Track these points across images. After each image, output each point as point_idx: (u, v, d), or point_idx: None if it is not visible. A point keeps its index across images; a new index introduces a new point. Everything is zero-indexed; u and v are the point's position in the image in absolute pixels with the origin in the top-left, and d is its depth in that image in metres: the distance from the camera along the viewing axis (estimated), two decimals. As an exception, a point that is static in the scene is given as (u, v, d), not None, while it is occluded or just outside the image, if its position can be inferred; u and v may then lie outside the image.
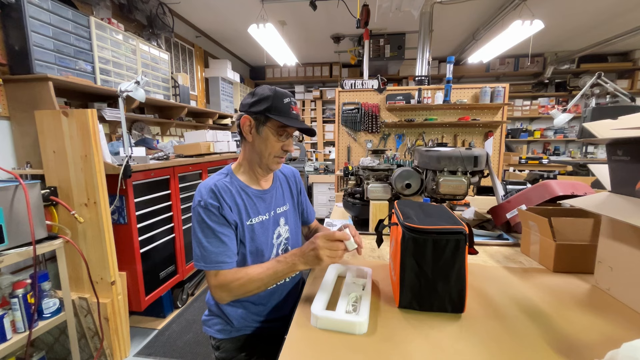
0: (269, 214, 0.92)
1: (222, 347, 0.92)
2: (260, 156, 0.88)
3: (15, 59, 1.66)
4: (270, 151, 0.86)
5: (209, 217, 0.80)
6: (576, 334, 0.61)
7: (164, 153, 2.25)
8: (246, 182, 0.90)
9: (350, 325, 0.62)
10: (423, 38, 3.00)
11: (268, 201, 0.93)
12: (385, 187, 1.28)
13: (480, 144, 2.96)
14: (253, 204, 0.89)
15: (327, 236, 0.74)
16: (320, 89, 5.43)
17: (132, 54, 2.38)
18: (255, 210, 0.89)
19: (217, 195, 0.81)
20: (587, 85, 2.55)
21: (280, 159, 0.89)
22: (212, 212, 0.80)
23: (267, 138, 0.85)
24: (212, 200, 0.81)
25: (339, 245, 0.74)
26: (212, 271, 0.79)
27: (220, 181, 0.85)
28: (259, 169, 0.91)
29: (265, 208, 0.92)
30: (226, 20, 3.51)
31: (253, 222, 0.88)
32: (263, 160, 0.88)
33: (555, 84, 5.02)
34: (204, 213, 0.80)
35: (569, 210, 1.03)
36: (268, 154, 0.87)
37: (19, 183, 1.29)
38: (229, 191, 0.84)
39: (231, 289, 0.78)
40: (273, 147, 0.86)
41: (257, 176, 0.92)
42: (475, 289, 0.79)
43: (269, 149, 0.86)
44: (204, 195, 0.81)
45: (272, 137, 0.85)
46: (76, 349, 1.49)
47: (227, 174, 0.89)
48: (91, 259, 1.61)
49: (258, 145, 0.87)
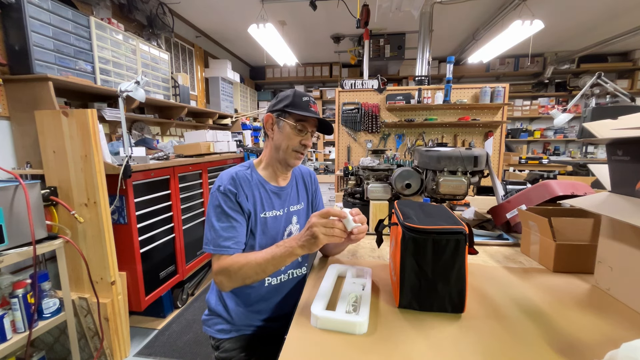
0: (283, 210, 0.96)
1: (222, 347, 0.93)
2: (279, 150, 0.91)
3: (15, 59, 1.66)
4: (289, 143, 0.89)
5: (225, 202, 0.84)
6: (576, 334, 0.61)
7: (164, 153, 2.25)
8: (265, 177, 0.94)
9: (350, 325, 0.62)
10: (423, 38, 3.00)
11: (283, 198, 0.96)
12: (385, 187, 1.28)
13: (480, 144, 2.96)
14: (269, 198, 0.92)
15: (322, 212, 0.71)
16: (320, 89, 5.42)
17: (132, 54, 2.38)
18: (270, 205, 0.92)
19: (236, 183, 0.86)
20: (587, 85, 2.55)
21: (299, 154, 0.92)
22: (229, 198, 0.84)
23: (286, 132, 0.89)
24: (231, 186, 0.85)
25: (335, 222, 0.70)
26: (216, 255, 0.81)
27: (241, 171, 0.90)
28: (278, 164, 0.94)
29: (280, 204, 0.95)
30: (226, 20, 3.51)
31: (267, 215, 0.91)
32: (282, 154, 0.91)
33: (555, 84, 5.02)
34: (222, 198, 0.84)
35: (569, 210, 1.03)
36: (287, 146, 0.90)
37: (19, 183, 1.29)
38: (248, 181, 0.89)
39: (230, 273, 0.78)
40: (292, 140, 0.89)
41: (276, 173, 0.96)
42: (475, 289, 0.79)
43: (287, 141, 0.89)
44: (224, 182, 0.86)
45: (291, 131, 0.89)
46: (76, 349, 1.49)
47: (248, 167, 0.94)
48: (91, 259, 1.62)
49: (278, 139, 0.91)
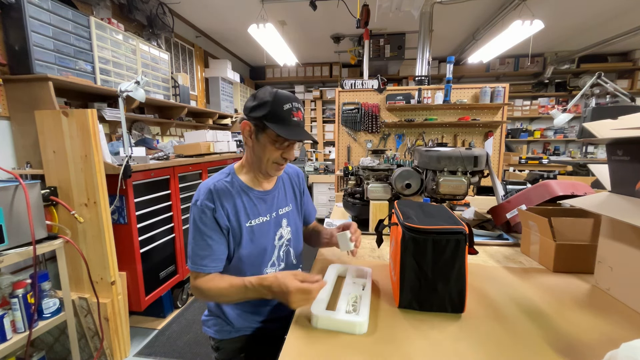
0: (270, 215, 0.91)
1: (222, 347, 0.92)
2: (259, 162, 0.85)
3: (15, 59, 1.66)
4: (268, 157, 0.84)
5: (201, 218, 0.80)
6: (576, 334, 0.61)
7: (164, 153, 2.25)
8: (248, 182, 0.88)
9: (350, 325, 0.63)
10: (423, 38, 2.99)
11: (269, 202, 0.92)
12: (385, 187, 1.28)
13: (480, 144, 2.96)
14: (253, 205, 0.88)
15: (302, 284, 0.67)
16: (320, 89, 5.42)
17: (132, 54, 2.38)
18: (255, 212, 0.88)
19: (213, 197, 0.81)
20: (587, 85, 2.55)
21: (280, 165, 0.86)
22: (205, 214, 0.80)
23: (265, 146, 0.82)
24: (207, 201, 0.80)
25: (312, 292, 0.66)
26: (193, 272, 0.81)
27: (220, 182, 0.84)
28: (259, 173, 0.90)
29: (266, 209, 0.90)
30: (226, 20, 3.51)
31: (253, 223, 0.86)
32: (262, 166, 0.86)
33: (555, 84, 5.02)
34: (198, 215, 0.80)
35: (569, 210, 1.03)
36: (267, 159, 0.84)
37: (19, 183, 1.29)
38: (228, 192, 0.83)
39: (204, 295, 0.80)
40: (272, 154, 0.83)
41: (258, 179, 0.91)
42: (475, 289, 0.79)
43: (267, 155, 0.83)
44: (201, 196, 0.81)
45: (270, 146, 0.82)
46: (76, 349, 1.49)
47: (228, 174, 0.88)
48: (91, 259, 1.61)
49: (257, 151, 0.84)
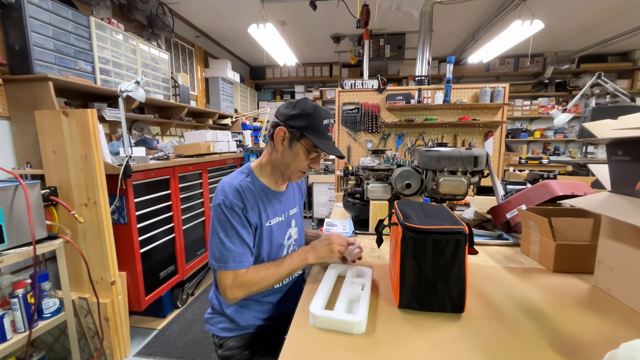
0: (284, 215, 0.95)
1: (226, 345, 0.92)
2: (286, 168, 0.89)
3: (15, 59, 1.66)
4: (297, 165, 0.87)
5: (233, 217, 0.81)
6: (576, 334, 0.61)
7: (164, 153, 2.25)
8: (267, 183, 0.92)
9: (348, 325, 0.62)
10: (423, 38, 2.99)
11: (283, 203, 0.96)
12: (385, 187, 1.28)
13: (480, 144, 2.96)
14: (271, 205, 0.91)
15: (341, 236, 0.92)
16: (320, 89, 5.42)
17: (132, 54, 2.38)
18: (273, 212, 0.91)
19: (242, 196, 0.83)
20: (587, 85, 2.55)
21: (303, 173, 0.91)
22: (236, 213, 0.81)
23: (297, 154, 0.86)
24: (237, 200, 0.81)
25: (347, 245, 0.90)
26: (230, 271, 0.79)
27: (243, 181, 0.86)
28: (280, 177, 0.93)
29: (281, 209, 0.94)
30: (226, 20, 3.51)
31: (272, 223, 0.90)
32: (287, 172, 0.89)
33: (555, 84, 5.02)
34: (229, 213, 0.81)
35: (569, 210, 1.03)
36: (294, 167, 0.88)
37: (19, 183, 1.29)
38: (252, 192, 0.86)
39: (250, 286, 0.81)
40: (301, 163, 0.87)
41: (277, 181, 0.94)
42: (475, 289, 0.79)
43: (296, 163, 0.87)
44: (229, 195, 0.82)
45: (303, 155, 0.86)
46: (76, 349, 1.49)
47: (247, 174, 0.90)
48: (91, 259, 1.61)
49: (287, 157, 0.87)
